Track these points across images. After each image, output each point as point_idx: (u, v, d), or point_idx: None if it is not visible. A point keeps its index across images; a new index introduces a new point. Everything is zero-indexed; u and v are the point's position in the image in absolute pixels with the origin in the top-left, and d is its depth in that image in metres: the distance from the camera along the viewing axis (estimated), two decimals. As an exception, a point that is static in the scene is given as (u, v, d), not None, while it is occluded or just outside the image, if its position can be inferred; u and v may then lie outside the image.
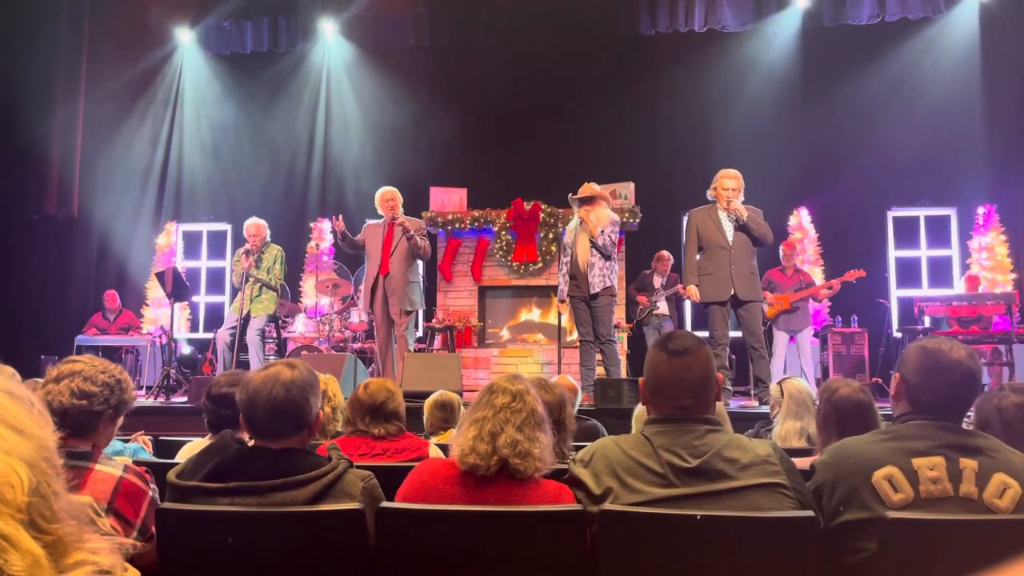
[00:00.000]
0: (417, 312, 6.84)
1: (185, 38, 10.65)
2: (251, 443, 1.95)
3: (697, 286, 5.94)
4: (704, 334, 6.09)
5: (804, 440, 3.17)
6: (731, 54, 9.86)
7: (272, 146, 10.68)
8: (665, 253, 8.62)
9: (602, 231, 5.97)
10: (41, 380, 2.02)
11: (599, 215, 6.01)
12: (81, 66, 10.08)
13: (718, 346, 5.84)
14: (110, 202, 10.25)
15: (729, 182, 5.85)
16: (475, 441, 1.86)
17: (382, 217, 6.65)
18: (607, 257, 6.03)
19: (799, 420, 3.22)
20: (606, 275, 6.02)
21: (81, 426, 1.96)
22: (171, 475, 1.86)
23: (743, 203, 5.88)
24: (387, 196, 6.60)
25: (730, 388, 6.07)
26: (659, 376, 1.90)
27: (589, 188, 6.17)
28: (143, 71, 10.56)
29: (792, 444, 3.14)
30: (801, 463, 2.04)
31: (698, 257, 5.99)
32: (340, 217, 6.60)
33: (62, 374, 1.97)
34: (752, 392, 6.25)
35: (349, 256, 7.33)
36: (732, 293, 5.79)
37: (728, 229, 5.85)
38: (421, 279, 6.78)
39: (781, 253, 7.75)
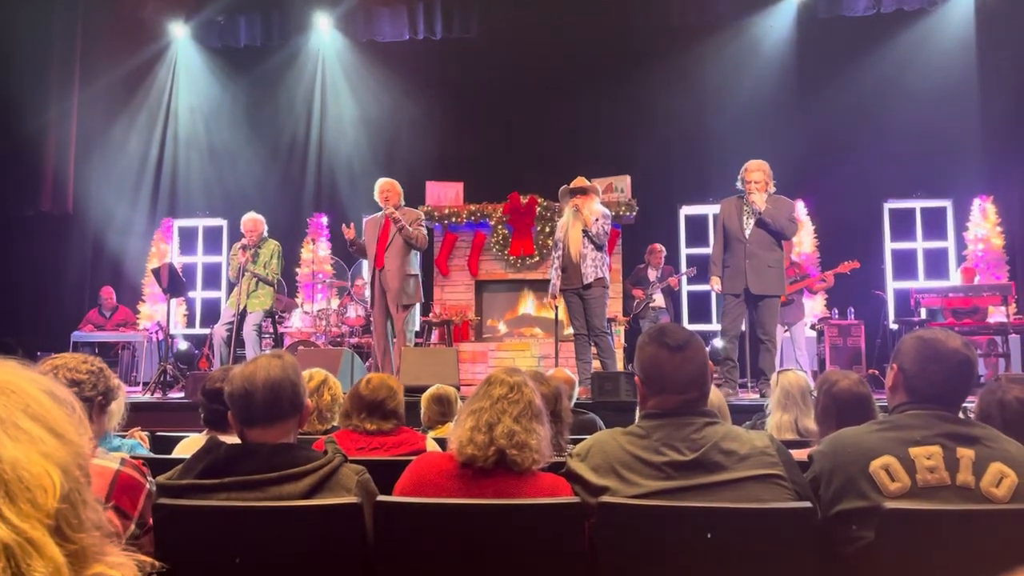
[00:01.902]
0: (415, 306, 6.81)
1: (179, 32, 10.61)
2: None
3: (720, 277, 5.92)
4: (699, 327, 6.14)
5: (795, 433, 3.16)
6: (727, 47, 9.84)
7: (267, 140, 10.65)
8: (658, 246, 8.64)
9: (596, 220, 6.00)
10: None
11: (590, 207, 6.04)
12: (75, 61, 10.03)
13: (726, 338, 5.86)
14: (105, 198, 10.21)
15: (753, 174, 5.77)
16: (472, 432, 1.86)
17: (381, 210, 6.63)
18: (599, 247, 6.04)
19: (787, 412, 3.21)
20: (598, 266, 6.03)
21: None
22: (162, 479, 1.85)
23: (775, 194, 5.83)
24: (384, 188, 6.58)
25: (736, 379, 6.05)
26: (664, 372, 1.89)
27: (581, 180, 6.21)
28: (137, 66, 10.51)
29: (786, 437, 3.13)
30: (799, 454, 2.04)
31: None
32: (352, 225, 6.59)
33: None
34: (751, 384, 6.26)
35: (346, 251, 7.31)
36: (745, 286, 5.75)
37: (747, 222, 5.80)
38: (419, 273, 6.73)
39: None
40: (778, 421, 3.21)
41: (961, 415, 1.90)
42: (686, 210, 10.00)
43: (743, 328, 6.09)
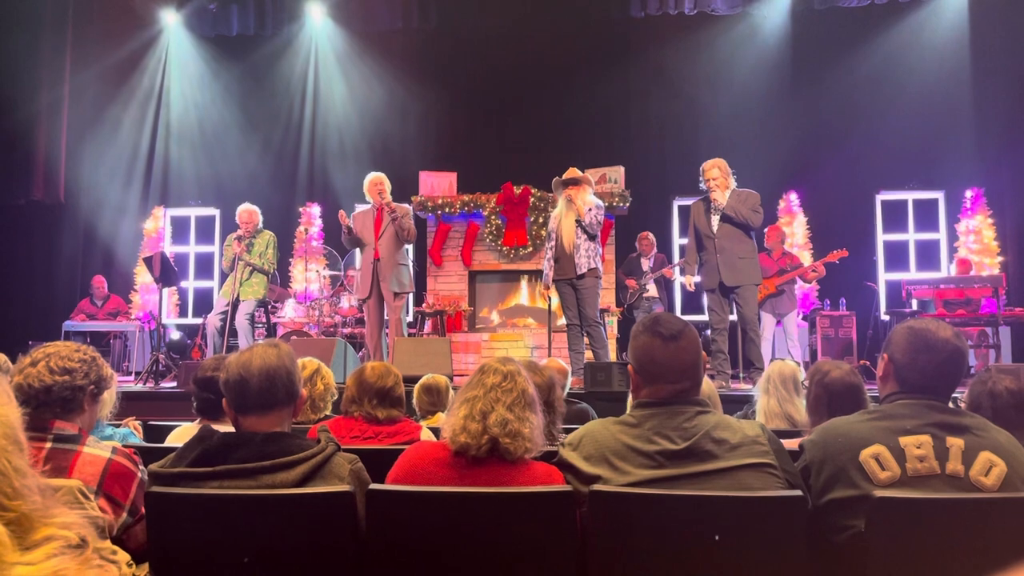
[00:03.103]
0: (408, 296, 6.85)
1: (170, 20, 10.52)
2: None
3: (694, 275, 6.14)
4: (691, 317, 6.20)
5: (785, 421, 3.18)
6: (721, 37, 9.84)
7: (260, 130, 10.60)
8: (647, 233, 8.64)
9: (589, 210, 6.04)
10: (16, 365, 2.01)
11: (584, 198, 6.07)
12: (66, 48, 9.95)
13: (714, 331, 5.93)
14: (97, 186, 10.16)
15: (710, 172, 5.96)
16: (466, 420, 1.86)
17: (370, 203, 6.66)
18: (592, 238, 6.09)
19: (771, 397, 3.23)
20: (591, 256, 6.08)
21: (67, 403, 1.95)
22: (154, 467, 1.85)
23: (737, 187, 5.97)
24: (375, 181, 6.62)
25: (728, 371, 6.10)
26: (657, 362, 1.89)
27: (574, 171, 6.24)
28: (129, 53, 10.44)
29: (776, 425, 3.15)
30: (790, 444, 2.05)
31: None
32: (342, 212, 6.61)
33: (36, 359, 1.98)
34: (742, 375, 6.28)
35: (338, 241, 7.30)
36: (719, 280, 5.88)
37: (714, 218, 5.96)
38: (411, 263, 6.80)
39: (765, 237, 7.79)
40: (764, 406, 3.23)
41: (952, 405, 1.91)
42: (680, 201, 10.00)
43: (732, 318, 6.15)
